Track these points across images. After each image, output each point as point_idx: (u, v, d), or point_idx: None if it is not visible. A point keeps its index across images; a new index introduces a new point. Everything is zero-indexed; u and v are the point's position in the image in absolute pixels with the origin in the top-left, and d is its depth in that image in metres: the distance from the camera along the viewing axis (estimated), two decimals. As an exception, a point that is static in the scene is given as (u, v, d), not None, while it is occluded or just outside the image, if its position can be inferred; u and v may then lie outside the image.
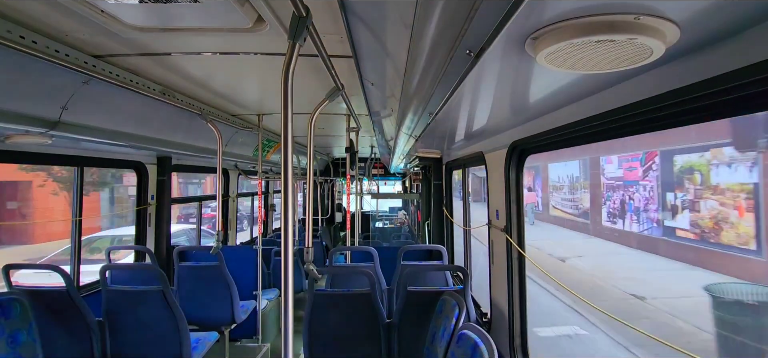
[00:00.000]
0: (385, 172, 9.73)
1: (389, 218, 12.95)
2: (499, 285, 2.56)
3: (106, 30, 1.70)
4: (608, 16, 0.81)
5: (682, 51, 0.97)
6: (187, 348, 2.71)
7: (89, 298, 3.10)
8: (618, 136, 1.53)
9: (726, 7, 0.76)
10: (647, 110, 1.19)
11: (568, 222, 16.41)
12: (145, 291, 2.66)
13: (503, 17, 0.80)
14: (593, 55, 0.93)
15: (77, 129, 2.42)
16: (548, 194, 18.56)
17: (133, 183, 4.09)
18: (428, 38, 1.06)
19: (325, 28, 1.66)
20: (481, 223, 2.93)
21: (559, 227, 16.63)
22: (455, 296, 2.24)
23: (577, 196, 16.15)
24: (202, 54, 2.08)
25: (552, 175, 18.59)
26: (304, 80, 2.58)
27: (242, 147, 4.83)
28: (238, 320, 3.66)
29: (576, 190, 16.34)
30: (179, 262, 3.63)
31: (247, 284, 4.16)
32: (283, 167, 1.27)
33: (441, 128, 2.70)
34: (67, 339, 2.66)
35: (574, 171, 16.57)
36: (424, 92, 1.53)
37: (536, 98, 1.61)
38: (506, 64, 1.17)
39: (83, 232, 3.41)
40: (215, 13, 1.55)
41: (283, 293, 1.25)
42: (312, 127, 2.25)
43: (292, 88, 1.24)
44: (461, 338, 1.84)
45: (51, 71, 1.94)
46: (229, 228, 5.74)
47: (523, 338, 2.41)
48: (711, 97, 0.98)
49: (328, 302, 2.61)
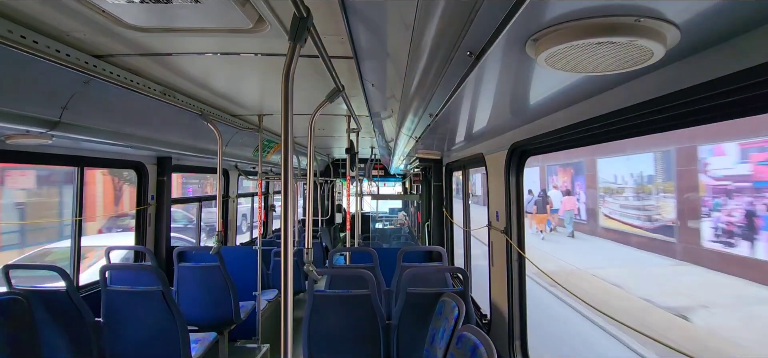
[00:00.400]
0: (385, 173, 9.73)
1: (389, 219, 12.94)
2: (498, 286, 2.56)
3: (107, 30, 1.71)
4: (609, 19, 0.81)
5: (683, 53, 0.98)
6: (186, 349, 2.70)
7: (89, 298, 3.10)
8: (618, 138, 1.53)
9: (726, 10, 0.76)
10: (648, 112, 1.19)
11: (633, 238, 11.92)
12: (145, 291, 2.66)
13: (504, 19, 0.80)
14: (594, 57, 0.93)
15: (78, 129, 2.42)
16: (597, 198, 14.29)
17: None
18: (429, 39, 1.07)
19: (326, 29, 1.66)
20: (481, 224, 2.93)
21: (618, 243, 12.40)
22: (455, 298, 2.24)
23: (651, 202, 11.56)
24: (202, 54, 2.08)
25: (604, 174, 14.24)
26: (305, 81, 2.59)
27: (242, 148, 4.83)
28: (238, 320, 3.65)
29: (647, 194, 11.80)
30: (179, 262, 3.63)
31: (247, 285, 4.16)
32: (283, 168, 1.28)
33: (441, 129, 2.70)
34: (67, 339, 2.66)
35: (644, 167, 11.79)
36: (425, 93, 1.53)
37: (536, 100, 1.61)
38: (506, 66, 1.17)
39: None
40: (216, 13, 1.55)
41: (283, 293, 1.25)
42: (312, 127, 2.25)
43: (292, 89, 1.24)
44: (461, 339, 1.83)
45: (51, 71, 1.94)
46: (229, 229, 5.74)
47: (523, 340, 2.41)
48: (712, 100, 0.98)
49: (328, 303, 2.61)
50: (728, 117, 1.05)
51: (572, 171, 16.55)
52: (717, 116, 1.06)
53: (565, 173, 17.26)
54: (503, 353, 2.47)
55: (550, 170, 18.67)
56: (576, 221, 15.00)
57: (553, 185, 17.70)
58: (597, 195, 14.34)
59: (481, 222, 3.05)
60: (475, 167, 3.56)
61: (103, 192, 11.44)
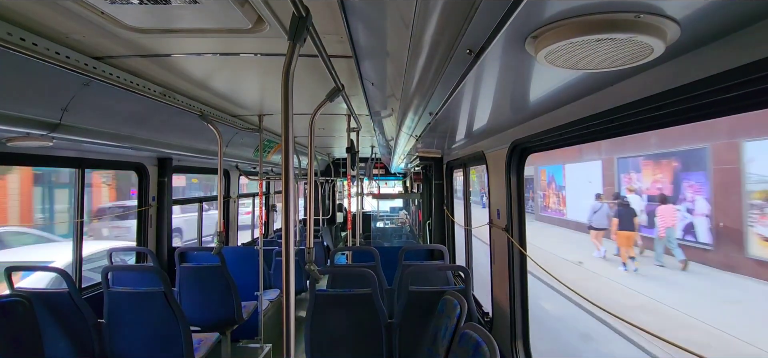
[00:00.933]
0: (385, 172, 9.73)
1: (390, 218, 12.94)
2: (500, 284, 2.56)
3: (107, 31, 1.71)
4: (608, 15, 0.81)
5: (683, 49, 0.97)
6: (189, 349, 2.71)
7: (91, 299, 3.11)
8: (619, 135, 1.52)
9: (726, 5, 0.76)
10: (648, 108, 1.18)
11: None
12: (147, 292, 2.66)
13: (503, 16, 0.80)
14: (593, 53, 0.93)
15: (78, 131, 2.42)
16: (742, 207, 8.44)
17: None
18: (428, 37, 1.06)
19: (325, 29, 1.66)
20: (482, 222, 2.93)
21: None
22: (457, 296, 2.24)
23: None
24: (202, 55, 2.08)
25: (759, 168, 8.08)
26: (305, 81, 2.59)
27: (243, 148, 4.84)
28: (240, 321, 3.66)
29: None
30: (180, 263, 3.63)
31: (249, 285, 4.16)
32: (283, 168, 1.28)
33: (441, 128, 2.70)
34: (69, 341, 2.67)
35: None
36: (425, 92, 1.53)
37: (537, 97, 1.61)
38: (506, 64, 1.17)
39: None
40: (215, 14, 1.55)
41: (285, 293, 1.25)
42: (312, 127, 2.25)
43: (292, 89, 1.24)
44: (463, 337, 1.84)
45: (51, 73, 1.95)
46: (230, 229, 5.75)
47: (525, 337, 2.41)
48: (712, 95, 0.98)
49: (330, 303, 2.61)
50: (729, 112, 1.05)
51: (675, 164, 10.46)
52: (719, 112, 1.06)
53: (659, 168, 11.29)
54: (505, 351, 2.47)
55: (623, 165, 12.97)
56: (684, 243, 9.66)
57: (628, 188, 12.51)
58: (742, 202, 8.51)
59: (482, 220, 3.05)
60: (476, 165, 3.56)
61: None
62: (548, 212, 18.48)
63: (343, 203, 11.04)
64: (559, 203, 17.51)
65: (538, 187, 19.49)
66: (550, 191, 18.43)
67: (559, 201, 17.60)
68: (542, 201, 19.14)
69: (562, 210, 17.21)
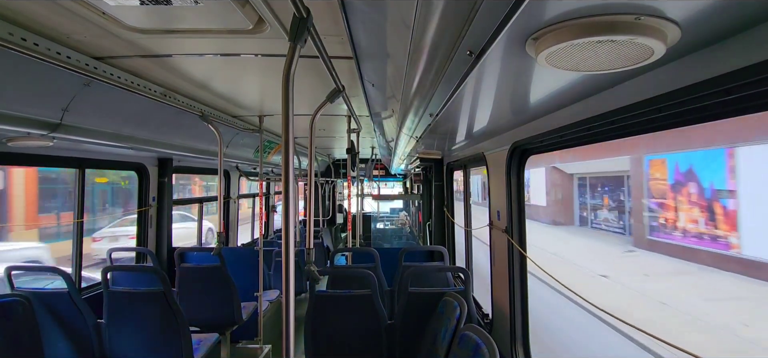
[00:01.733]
0: (386, 174, 9.73)
1: (390, 219, 12.93)
2: (500, 286, 2.55)
3: (107, 32, 1.71)
4: (609, 17, 0.81)
5: (683, 51, 0.97)
6: (188, 350, 2.71)
7: (90, 300, 3.11)
8: (619, 137, 1.52)
9: (727, 7, 0.76)
10: (648, 110, 1.18)
11: None
12: (147, 293, 2.66)
13: (504, 18, 0.80)
14: (594, 55, 0.93)
15: (78, 131, 2.43)
16: None
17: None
18: (428, 39, 1.06)
19: (326, 30, 1.66)
20: (483, 223, 2.93)
21: None
22: (456, 297, 2.24)
23: None
24: (202, 56, 2.09)
25: None
26: (305, 81, 2.59)
27: (243, 148, 4.84)
28: (239, 321, 3.66)
29: None
30: (180, 263, 3.63)
31: (248, 286, 4.16)
32: (284, 168, 1.28)
33: (442, 129, 2.70)
34: (69, 341, 2.66)
35: None
36: (425, 93, 1.53)
37: (537, 99, 1.61)
38: (507, 65, 1.17)
39: None
40: (216, 15, 1.56)
41: (284, 294, 1.25)
42: (313, 128, 2.25)
43: (292, 90, 1.24)
44: (463, 339, 1.83)
45: (52, 73, 1.95)
46: (230, 229, 5.75)
47: (525, 339, 2.40)
48: (712, 97, 0.98)
49: (330, 304, 2.61)
50: (730, 115, 1.05)
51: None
52: (719, 114, 1.05)
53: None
54: (505, 353, 2.47)
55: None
56: None
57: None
58: None
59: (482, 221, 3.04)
60: (476, 166, 3.56)
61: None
62: (674, 236, 10.36)
63: (343, 204, 11.04)
64: (713, 220, 9.50)
65: (640, 188, 11.42)
66: (681, 198, 10.46)
67: (713, 218, 9.55)
68: (658, 214, 11.20)
69: (724, 235, 9.11)
